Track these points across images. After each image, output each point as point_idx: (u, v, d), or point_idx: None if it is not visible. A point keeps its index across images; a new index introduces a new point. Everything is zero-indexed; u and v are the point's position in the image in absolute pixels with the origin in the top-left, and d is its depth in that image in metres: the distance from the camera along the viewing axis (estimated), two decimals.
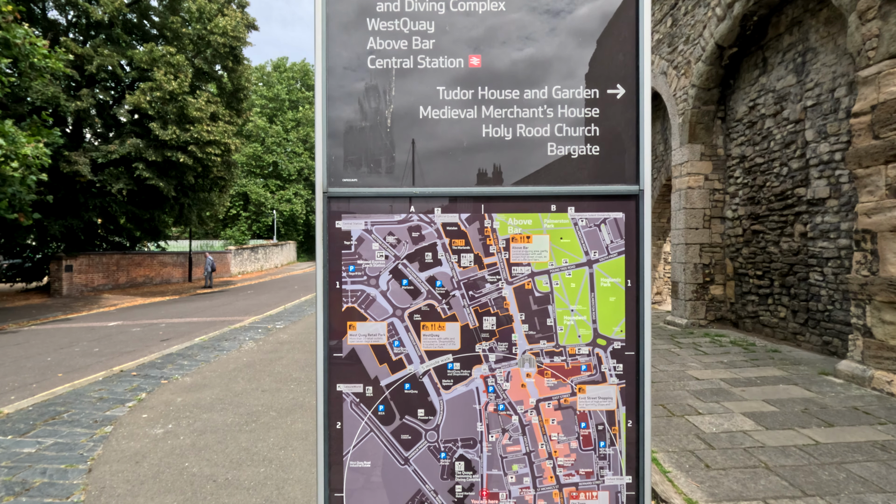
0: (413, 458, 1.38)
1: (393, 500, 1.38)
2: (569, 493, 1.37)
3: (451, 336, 1.38)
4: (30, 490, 3.77)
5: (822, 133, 6.96)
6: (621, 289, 1.38)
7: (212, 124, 18.57)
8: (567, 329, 1.38)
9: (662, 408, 5.06)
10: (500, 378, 1.38)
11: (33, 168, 11.14)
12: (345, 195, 1.37)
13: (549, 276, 1.38)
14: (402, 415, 1.39)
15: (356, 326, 1.39)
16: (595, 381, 1.38)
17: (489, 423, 1.38)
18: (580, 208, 1.37)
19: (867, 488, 3.37)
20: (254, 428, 4.97)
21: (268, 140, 47.01)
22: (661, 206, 12.58)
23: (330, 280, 1.37)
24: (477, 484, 1.38)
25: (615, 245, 1.39)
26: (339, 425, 1.38)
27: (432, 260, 1.39)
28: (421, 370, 1.39)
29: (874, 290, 5.41)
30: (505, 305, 1.39)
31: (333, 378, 1.38)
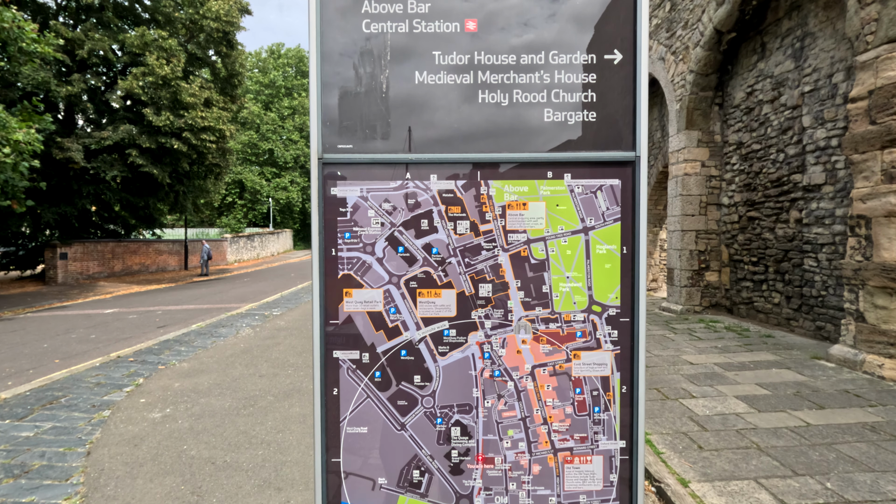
0: (409, 423, 1.40)
1: (390, 465, 1.40)
2: (563, 457, 1.39)
3: (447, 303, 1.39)
4: (29, 472, 3.79)
5: (819, 119, 6.95)
6: (617, 256, 1.38)
7: (206, 110, 18.36)
8: (562, 296, 1.39)
9: (657, 391, 5.12)
10: (496, 344, 1.40)
11: (25, 154, 11.02)
12: (340, 161, 1.36)
13: (544, 243, 1.39)
14: (398, 381, 1.40)
15: (352, 294, 1.39)
16: (590, 348, 1.39)
17: (485, 389, 1.40)
18: (576, 175, 1.37)
19: (856, 468, 3.44)
20: (252, 412, 5.00)
21: (263, 127, 46.58)
22: (658, 193, 12.58)
23: (325, 247, 1.37)
24: (473, 449, 1.40)
25: (611, 212, 1.39)
26: (335, 391, 1.39)
27: (428, 227, 1.39)
28: (417, 337, 1.40)
29: (867, 276, 5.45)
30: (501, 272, 1.39)
31: (330, 345, 1.39)
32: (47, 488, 3.56)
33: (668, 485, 3.37)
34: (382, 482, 1.41)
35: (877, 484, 3.22)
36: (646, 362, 6.17)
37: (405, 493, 1.40)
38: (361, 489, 1.41)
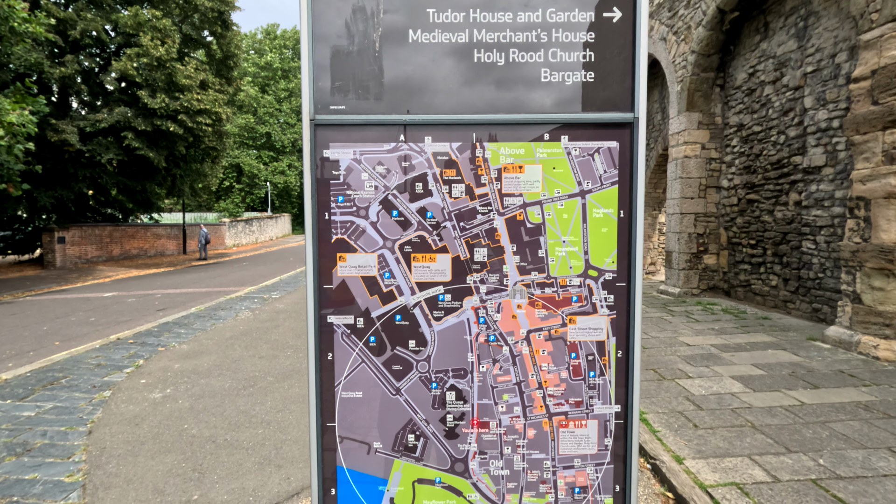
0: (404, 388, 1.40)
1: (385, 429, 1.41)
2: (558, 421, 1.40)
3: (442, 268, 1.38)
4: (31, 451, 3.83)
5: (821, 100, 6.89)
6: (614, 219, 1.37)
7: (202, 92, 18.13)
8: (558, 260, 1.38)
9: (654, 372, 5.16)
10: (492, 309, 1.39)
11: (19, 137, 10.91)
12: (332, 122, 1.33)
13: (541, 206, 1.37)
14: (393, 346, 1.39)
15: (346, 258, 1.38)
16: (586, 312, 1.38)
17: (480, 353, 1.40)
18: (574, 137, 1.35)
19: (849, 445, 3.48)
20: (251, 392, 5.03)
21: (260, 110, 46.09)
22: (658, 176, 12.53)
23: (318, 211, 1.35)
24: (468, 413, 1.41)
25: (608, 175, 1.37)
26: (330, 356, 1.39)
27: (423, 190, 1.37)
28: (412, 301, 1.39)
29: (865, 257, 5.46)
30: (496, 237, 1.38)
31: (324, 310, 1.38)
32: (50, 466, 3.60)
33: (664, 462, 3.41)
34: (378, 446, 1.41)
35: (868, 460, 3.27)
36: (642, 343, 6.21)
37: (400, 457, 1.41)
38: (357, 453, 1.41)
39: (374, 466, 1.41)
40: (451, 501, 1.42)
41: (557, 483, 1.41)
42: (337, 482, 1.40)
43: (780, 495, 2.93)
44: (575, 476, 1.40)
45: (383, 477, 1.42)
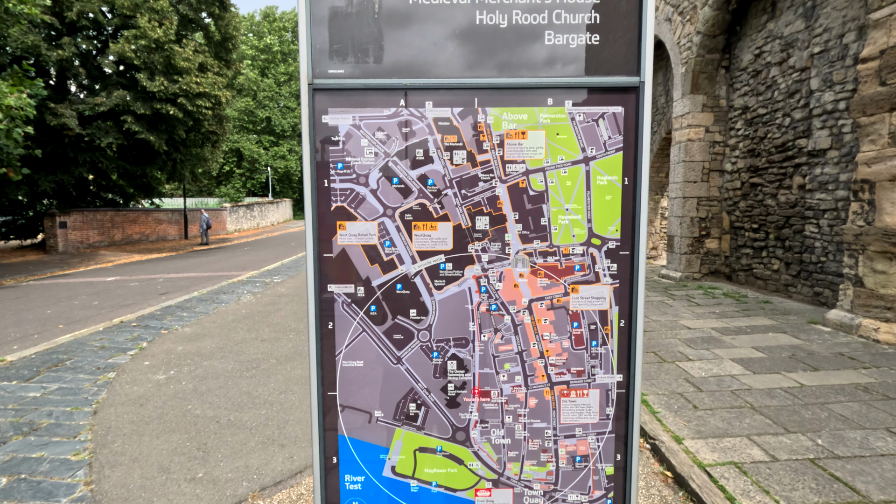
0: (405, 357, 1.40)
1: (386, 398, 1.41)
2: (560, 390, 1.40)
3: (444, 236, 1.37)
4: (38, 430, 3.88)
5: (828, 81, 6.79)
6: (618, 187, 1.35)
7: (201, 75, 17.95)
8: (561, 229, 1.36)
9: (654, 354, 5.18)
10: (493, 278, 1.38)
11: (17, 120, 10.84)
12: (331, 87, 1.30)
13: (544, 173, 1.34)
14: (394, 315, 1.39)
15: (346, 226, 1.36)
16: (588, 281, 1.37)
17: (481, 322, 1.39)
18: (578, 102, 1.32)
19: (847, 425, 3.51)
20: (254, 374, 5.07)
21: (260, 94, 45.66)
22: (661, 160, 12.43)
23: (318, 178, 1.33)
24: (469, 382, 1.41)
25: (613, 141, 1.34)
26: (330, 325, 1.38)
27: (423, 157, 1.35)
28: (413, 270, 1.38)
29: (868, 240, 5.44)
30: (498, 204, 1.36)
31: (324, 278, 1.37)
32: (56, 444, 3.65)
33: (663, 441, 3.44)
34: (379, 415, 1.42)
35: (866, 440, 3.29)
36: (644, 324, 6.24)
37: (401, 425, 1.42)
38: (358, 422, 1.42)
39: (375, 435, 1.42)
40: (453, 469, 1.43)
41: (558, 452, 1.41)
42: (338, 450, 1.41)
43: (778, 474, 2.96)
44: (576, 445, 1.41)
45: (385, 445, 1.43)
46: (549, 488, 1.43)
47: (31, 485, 3.12)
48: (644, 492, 3.02)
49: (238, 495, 3.00)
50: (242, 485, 3.11)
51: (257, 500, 2.95)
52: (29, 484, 3.13)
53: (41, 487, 3.09)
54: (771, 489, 2.82)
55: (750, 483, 2.90)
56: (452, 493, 1.44)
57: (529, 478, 1.43)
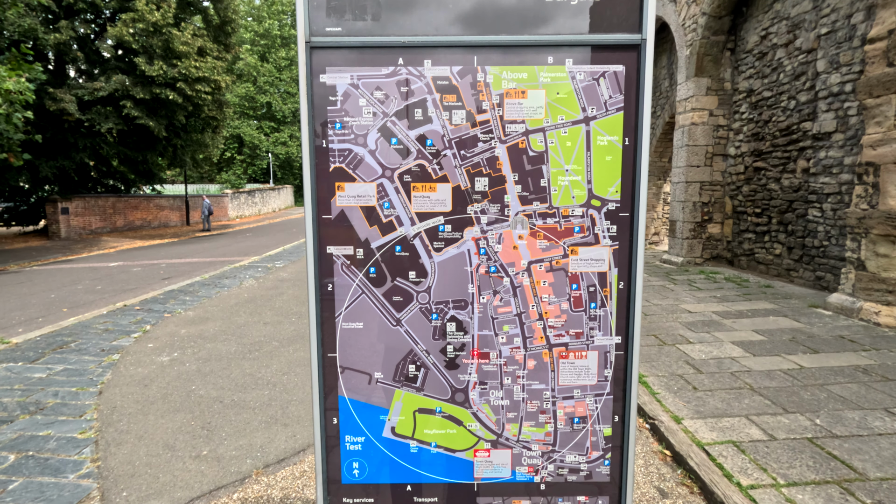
0: (405, 319, 1.41)
1: (386, 360, 1.42)
2: (558, 352, 1.41)
3: (443, 197, 1.36)
4: (44, 409, 3.93)
5: (835, 63, 6.70)
6: (618, 147, 1.33)
7: (200, 59, 17.78)
8: (561, 190, 1.35)
9: (654, 337, 5.20)
10: (492, 240, 1.38)
11: (17, 105, 10.79)
12: (328, 45, 1.28)
13: (543, 134, 1.33)
14: (393, 277, 1.39)
15: (345, 188, 1.36)
16: (588, 243, 1.37)
17: (480, 284, 1.39)
18: (578, 60, 1.30)
19: (846, 406, 3.53)
20: (257, 356, 5.12)
21: (260, 79, 45.26)
22: (664, 144, 12.33)
23: (316, 138, 1.33)
24: (468, 344, 1.42)
25: (614, 101, 1.32)
26: (330, 287, 1.39)
27: (422, 117, 1.34)
28: (412, 232, 1.38)
29: (872, 224, 5.41)
30: (498, 165, 1.35)
31: (324, 240, 1.37)
32: (62, 423, 3.70)
33: (662, 421, 3.47)
34: (379, 377, 1.43)
35: (865, 420, 3.32)
36: (644, 310, 6.24)
37: (401, 387, 1.43)
38: (358, 383, 1.43)
39: (375, 396, 1.43)
40: (452, 430, 1.44)
41: (557, 413, 1.43)
42: (339, 411, 1.43)
43: (776, 452, 2.99)
44: (574, 406, 1.42)
45: (385, 407, 1.44)
46: (548, 449, 1.45)
47: (39, 461, 3.17)
48: (643, 470, 3.05)
49: (242, 472, 3.05)
50: (246, 462, 3.16)
51: (261, 477, 2.99)
52: (37, 461, 3.18)
53: (49, 464, 3.14)
54: (769, 467, 2.85)
55: (748, 461, 2.93)
56: (452, 454, 1.46)
57: (528, 439, 1.45)
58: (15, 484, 2.92)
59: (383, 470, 1.47)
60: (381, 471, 1.47)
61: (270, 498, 2.77)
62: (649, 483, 2.90)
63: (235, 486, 2.90)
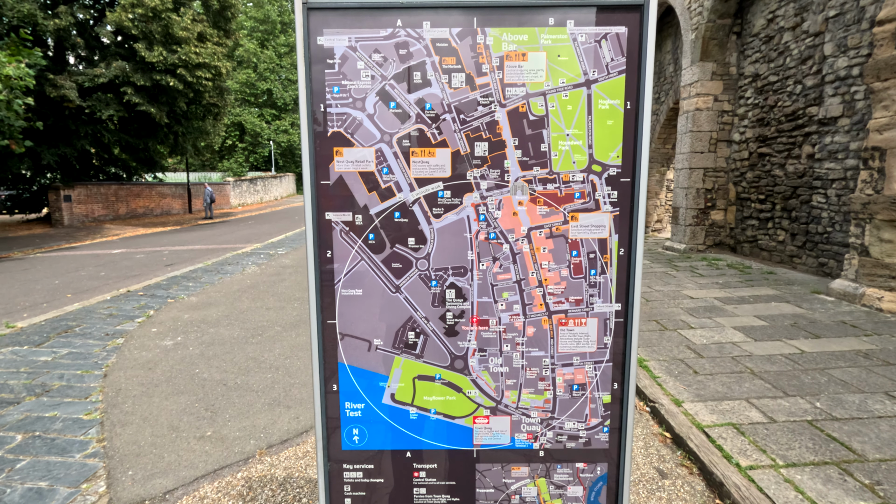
0: (404, 286, 1.41)
1: (385, 326, 1.43)
2: (558, 319, 1.41)
3: (442, 163, 1.35)
4: (50, 391, 3.97)
5: (842, 46, 6.60)
6: (620, 111, 1.32)
7: (200, 45, 17.64)
8: (561, 155, 1.34)
9: (656, 323, 5.21)
10: (492, 206, 1.37)
11: (17, 91, 10.75)
12: (325, 5, 1.27)
13: (544, 97, 1.31)
14: (392, 243, 1.39)
15: (343, 153, 1.35)
16: (588, 209, 1.36)
17: (480, 251, 1.39)
18: (580, 22, 1.28)
19: (846, 389, 3.53)
20: (260, 340, 5.15)
21: (260, 66, 44.91)
22: (667, 131, 12.23)
23: (314, 102, 1.31)
24: (467, 311, 1.42)
25: (616, 63, 1.30)
26: (329, 254, 1.38)
27: (421, 80, 1.32)
28: (411, 198, 1.37)
29: (876, 209, 5.38)
30: (497, 130, 1.33)
31: (322, 206, 1.37)
32: (68, 405, 3.75)
33: (662, 404, 3.49)
34: (378, 343, 1.44)
35: (865, 403, 3.32)
36: (645, 296, 6.24)
37: (400, 353, 1.44)
38: (358, 350, 1.44)
39: (374, 363, 1.44)
40: (451, 397, 1.45)
41: (556, 380, 1.43)
42: (339, 378, 1.44)
43: (776, 434, 3.01)
44: (574, 374, 1.42)
45: (384, 373, 1.45)
46: (547, 416, 1.46)
47: (46, 441, 3.21)
48: (643, 451, 3.08)
49: (246, 452, 3.08)
50: (250, 443, 3.19)
51: (265, 457, 3.03)
52: (43, 441, 3.22)
53: (55, 444, 3.18)
54: (768, 448, 2.87)
55: (747, 443, 2.95)
56: (451, 421, 1.47)
57: (527, 406, 1.45)
58: (22, 463, 2.96)
59: (383, 436, 1.48)
60: (381, 437, 1.48)
61: (274, 477, 2.81)
62: (649, 464, 2.92)
63: (239, 465, 2.94)
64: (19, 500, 2.61)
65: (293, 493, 2.64)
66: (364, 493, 1.50)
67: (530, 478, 1.50)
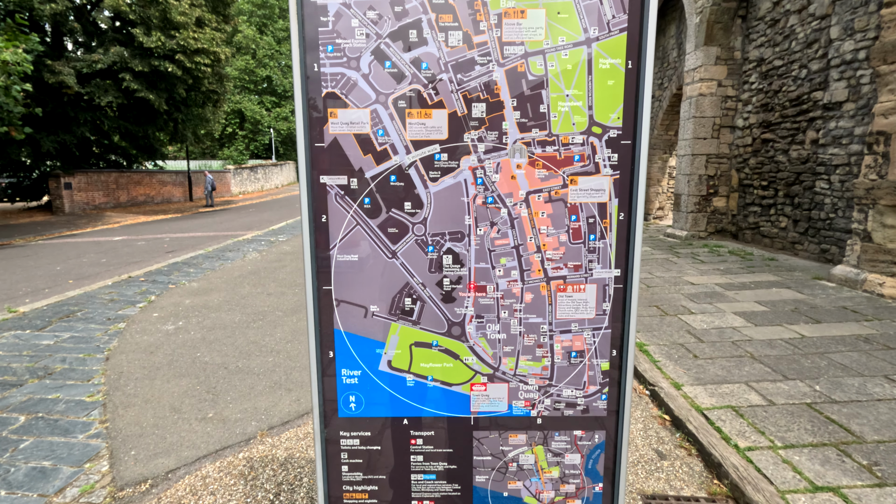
0: (400, 251, 1.39)
1: (381, 292, 1.41)
2: (556, 285, 1.39)
3: (439, 124, 1.32)
4: (52, 374, 4.00)
5: (849, 29, 6.50)
6: (621, 71, 1.28)
7: (198, 30, 17.47)
8: (561, 116, 1.31)
9: (657, 308, 5.21)
10: (490, 169, 1.34)
11: (15, 76, 10.67)
12: None
13: (543, 56, 1.28)
14: (388, 208, 1.37)
15: (337, 114, 1.32)
16: (588, 173, 1.33)
17: (477, 215, 1.37)
18: None
19: (846, 373, 3.54)
20: (261, 325, 5.16)
21: (259, 52, 44.47)
22: (670, 117, 12.12)
23: (308, 61, 1.28)
24: (465, 277, 1.40)
25: (617, 21, 1.27)
26: (324, 218, 1.37)
27: (417, 39, 1.29)
28: (407, 161, 1.34)
29: (880, 194, 5.34)
30: (496, 90, 1.30)
31: (317, 169, 1.34)
32: (71, 387, 3.77)
33: (662, 388, 3.50)
34: (375, 309, 1.42)
35: (864, 387, 3.33)
36: (646, 282, 6.24)
37: (397, 320, 1.43)
38: (354, 316, 1.43)
39: (371, 329, 1.43)
40: (448, 364, 1.44)
41: (554, 347, 1.42)
42: (335, 345, 1.43)
43: (774, 416, 3.02)
44: (572, 340, 1.41)
45: (381, 340, 1.44)
46: (544, 383, 1.45)
47: (49, 422, 3.24)
48: (642, 434, 3.09)
49: (247, 433, 3.11)
50: (251, 424, 3.21)
51: (266, 438, 3.05)
52: (46, 422, 3.25)
53: (58, 425, 3.21)
54: (766, 430, 2.88)
55: (746, 425, 2.96)
56: (448, 388, 1.46)
57: (525, 373, 1.45)
58: (26, 443, 2.99)
59: (380, 403, 1.47)
60: (378, 404, 1.47)
61: (275, 457, 2.83)
62: (648, 446, 2.94)
63: (241, 446, 2.96)
64: (23, 478, 2.64)
65: (294, 473, 2.66)
66: (361, 460, 1.50)
67: (528, 445, 1.50)
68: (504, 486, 1.54)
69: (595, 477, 1.52)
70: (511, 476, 1.52)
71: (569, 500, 1.52)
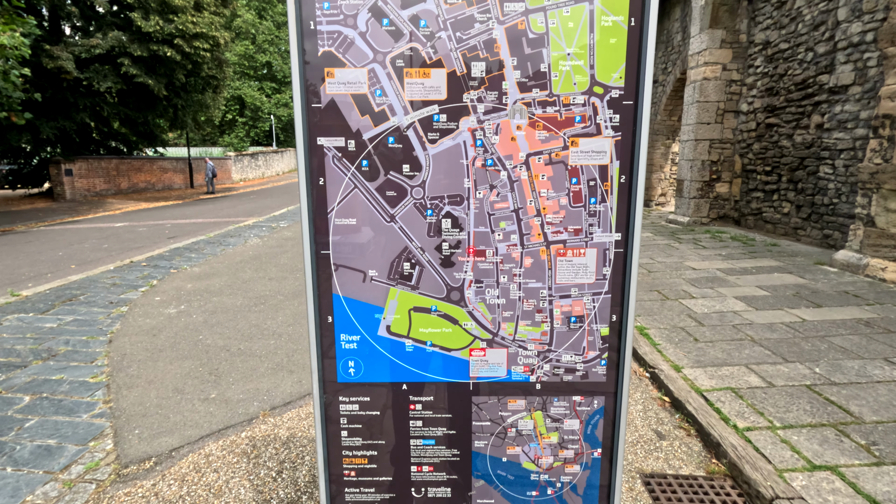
0: (399, 215, 1.38)
1: (380, 257, 1.41)
2: (556, 250, 1.38)
3: (437, 84, 1.29)
4: (56, 356, 4.03)
5: (857, 11, 6.39)
6: (623, 28, 1.25)
7: (197, 14, 17.28)
8: (562, 76, 1.28)
9: (658, 293, 5.21)
10: (489, 131, 1.32)
11: (12, 61, 10.58)
12: None
13: (544, 13, 1.25)
14: (386, 170, 1.35)
15: (334, 73, 1.29)
16: (589, 134, 1.31)
17: (476, 178, 1.35)
18: None
19: (846, 356, 3.54)
20: (262, 309, 5.18)
21: (259, 38, 43.98)
22: (674, 102, 12.00)
23: (303, 19, 1.26)
24: (464, 241, 1.39)
25: None
26: (321, 181, 1.35)
27: None
28: (405, 122, 1.32)
29: (884, 178, 5.30)
30: (495, 48, 1.27)
31: (313, 131, 1.32)
32: (74, 369, 3.80)
33: (662, 370, 3.51)
34: (373, 274, 1.42)
35: (864, 369, 3.34)
36: (647, 267, 6.23)
37: (396, 285, 1.42)
38: (352, 281, 1.42)
39: (370, 294, 1.42)
40: (447, 329, 1.44)
41: (553, 312, 1.42)
42: (333, 310, 1.43)
43: (774, 398, 3.03)
44: (571, 305, 1.40)
45: (380, 305, 1.43)
46: (544, 349, 1.45)
47: (53, 402, 3.27)
48: (641, 415, 3.11)
49: (249, 413, 3.13)
50: (253, 404, 3.24)
51: (268, 418, 3.08)
52: (51, 402, 3.28)
53: (62, 405, 3.24)
54: (766, 411, 2.89)
55: (745, 406, 2.98)
56: (447, 353, 1.46)
57: (524, 338, 1.44)
58: (31, 422, 3.02)
59: (379, 369, 1.47)
60: (377, 370, 1.48)
61: (277, 436, 2.86)
62: (647, 426, 2.96)
63: (243, 425, 2.99)
64: (29, 456, 2.67)
65: (296, 452, 2.69)
66: (360, 425, 1.51)
67: (527, 411, 1.51)
68: (503, 452, 1.55)
69: (594, 442, 1.53)
70: (510, 441, 1.53)
71: (567, 465, 1.52)
